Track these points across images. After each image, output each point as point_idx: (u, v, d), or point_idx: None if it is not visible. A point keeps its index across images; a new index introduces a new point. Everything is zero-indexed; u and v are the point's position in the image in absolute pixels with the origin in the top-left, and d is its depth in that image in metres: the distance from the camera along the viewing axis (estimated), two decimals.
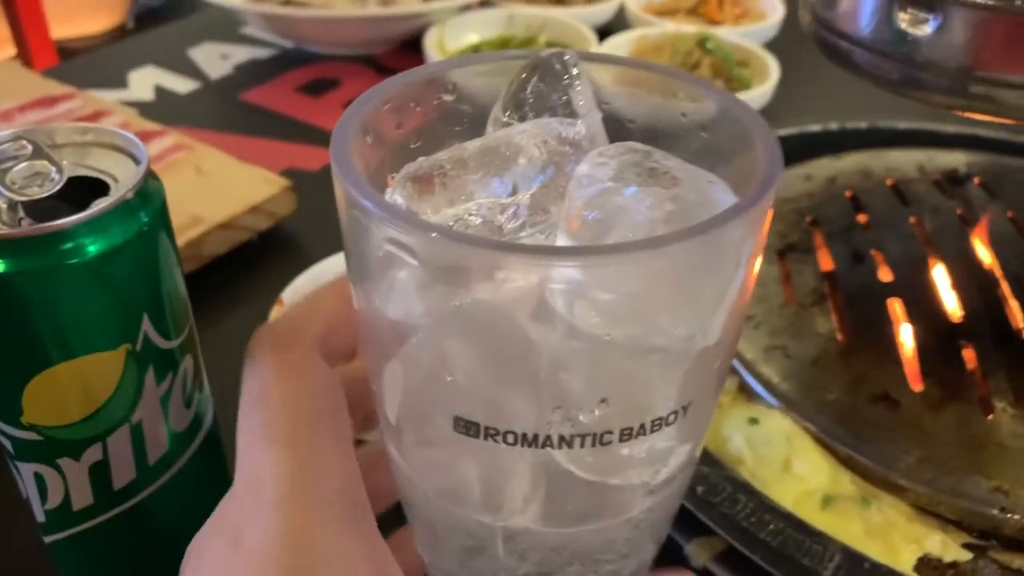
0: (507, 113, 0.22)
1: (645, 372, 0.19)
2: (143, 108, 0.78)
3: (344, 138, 0.20)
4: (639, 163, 0.20)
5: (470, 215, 0.20)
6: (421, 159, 0.21)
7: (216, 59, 0.89)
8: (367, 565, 0.21)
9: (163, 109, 0.79)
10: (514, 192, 0.21)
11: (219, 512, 0.22)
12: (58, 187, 0.28)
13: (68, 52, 1.63)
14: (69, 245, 0.27)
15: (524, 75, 0.23)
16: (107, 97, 0.78)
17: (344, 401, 0.24)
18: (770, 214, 0.20)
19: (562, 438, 0.19)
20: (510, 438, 0.19)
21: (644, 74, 0.24)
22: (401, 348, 0.20)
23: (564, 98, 0.22)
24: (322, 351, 0.24)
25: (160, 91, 0.83)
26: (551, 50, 0.23)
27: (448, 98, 0.23)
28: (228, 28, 0.94)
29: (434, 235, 0.17)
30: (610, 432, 0.19)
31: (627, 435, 0.19)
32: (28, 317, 0.28)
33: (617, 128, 0.24)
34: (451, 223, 0.20)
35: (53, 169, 0.29)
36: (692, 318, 0.19)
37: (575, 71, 0.22)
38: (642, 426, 0.19)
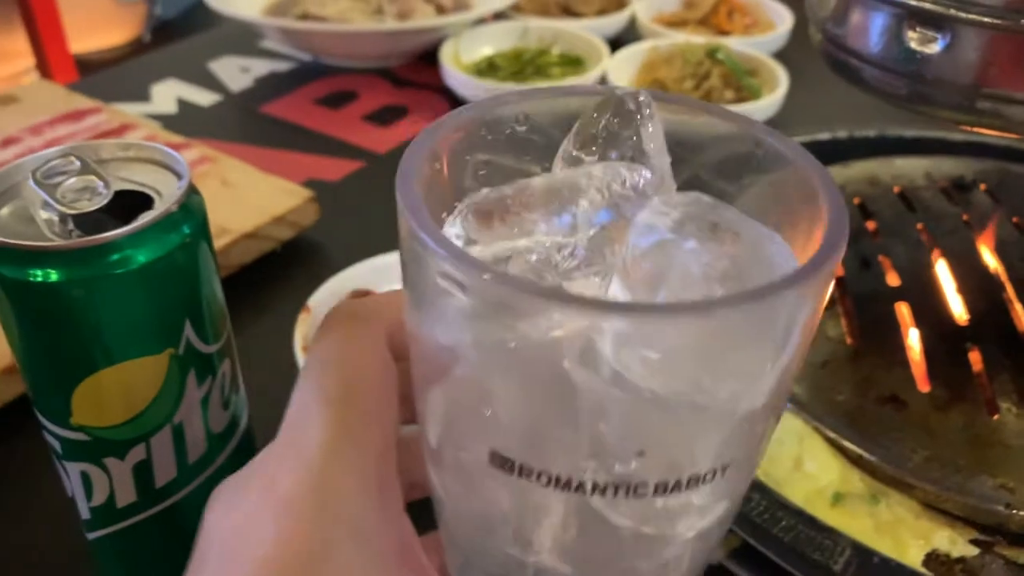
0: (576, 149, 0.22)
1: (685, 429, 0.19)
2: (166, 121, 0.80)
3: (411, 165, 0.20)
4: (702, 216, 0.20)
5: (528, 252, 0.20)
6: (485, 190, 0.21)
7: (236, 72, 0.91)
8: (388, 536, 0.21)
9: (186, 122, 0.81)
10: (573, 233, 0.21)
11: (257, 459, 0.23)
12: (106, 201, 0.30)
13: (86, 65, 1.65)
14: (117, 256, 0.29)
15: (596, 112, 0.22)
16: (131, 110, 0.80)
17: (396, 389, 0.24)
18: (830, 283, 0.19)
19: (595, 485, 0.19)
20: (544, 479, 0.19)
21: (716, 120, 0.23)
22: (446, 375, 0.20)
23: (635, 138, 0.22)
24: (389, 341, 0.25)
25: (183, 104, 0.85)
26: (626, 88, 0.23)
27: (520, 128, 0.23)
28: (247, 42, 0.96)
29: (485, 276, 0.17)
30: (645, 484, 0.19)
31: (662, 489, 0.19)
32: (78, 323, 0.29)
33: (687, 170, 0.23)
34: (507, 257, 0.20)
35: (100, 184, 0.30)
36: (738, 381, 0.19)
37: (647, 111, 0.22)
38: (678, 482, 0.19)
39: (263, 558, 0.20)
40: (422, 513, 0.25)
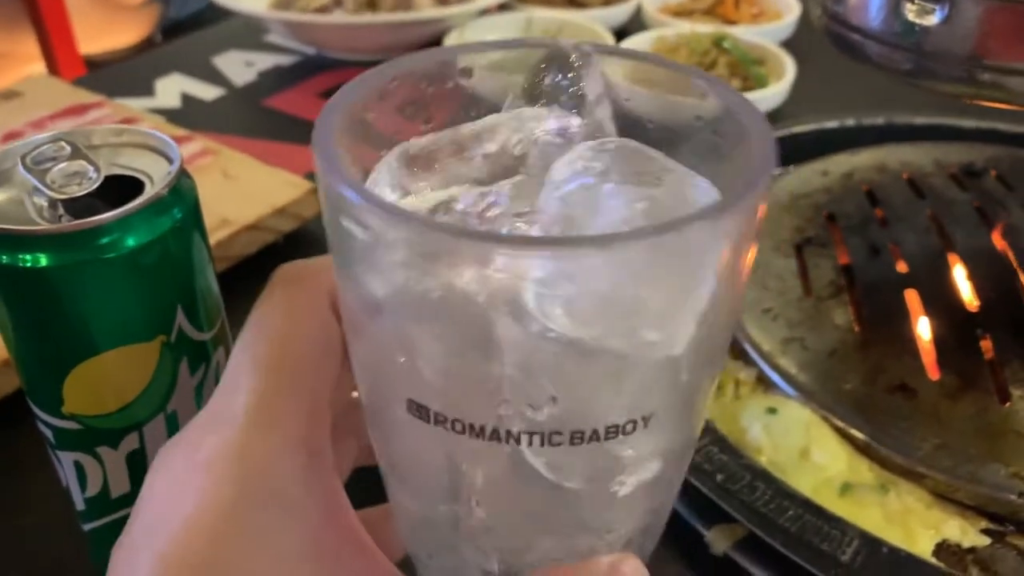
0: (520, 100, 0.22)
1: (598, 374, 0.18)
2: (170, 115, 0.80)
3: (332, 114, 0.20)
4: (624, 160, 0.20)
5: (452, 200, 0.20)
6: (415, 139, 0.21)
7: (240, 66, 0.90)
8: (313, 500, 0.21)
9: (190, 116, 0.81)
10: (498, 178, 0.20)
11: (188, 425, 0.23)
12: (96, 185, 0.29)
13: (97, 67, 1.66)
14: (106, 240, 0.28)
15: (541, 64, 0.22)
16: (135, 105, 0.80)
17: (338, 350, 0.24)
18: (754, 223, 0.19)
19: (509, 433, 0.18)
20: (459, 426, 0.18)
21: (656, 69, 0.23)
22: (365, 327, 0.20)
23: (575, 89, 0.22)
24: (332, 303, 0.24)
25: (186, 98, 0.85)
26: (569, 40, 0.23)
27: (464, 82, 0.23)
28: (251, 36, 0.96)
29: (387, 216, 0.17)
30: (559, 433, 0.18)
31: (578, 438, 0.18)
32: (68, 309, 0.29)
33: (630, 125, 0.23)
34: (433, 207, 0.20)
35: (91, 168, 0.30)
36: (651, 324, 0.18)
37: (590, 62, 0.22)
38: (595, 431, 0.18)
39: (184, 519, 0.20)
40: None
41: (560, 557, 0.22)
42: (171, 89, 0.86)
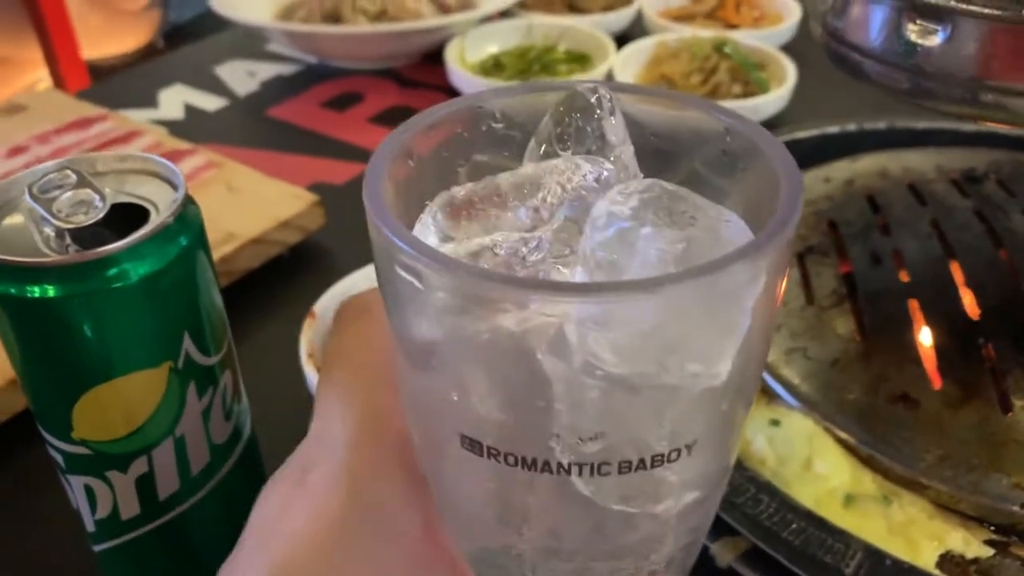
0: (543, 147, 0.23)
1: (644, 407, 0.19)
2: (173, 127, 0.81)
3: (379, 164, 0.21)
4: (658, 202, 0.20)
5: (496, 246, 0.20)
6: (455, 188, 0.22)
7: (243, 76, 0.91)
8: (410, 516, 0.23)
9: (193, 127, 0.82)
10: (539, 226, 0.21)
11: (292, 456, 0.24)
12: (102, 214, 0.30)
13: (99, 71, 1.66)
14: (114, 270, 0.29)
15: (559, 108, 0.23)
16: (138, 117, 0.81)
17: None
18: (783, 259, 0.19)
19: (560, 465, 0.19)
20: (511, 460, 0.19)
21: (676, 105, 0.24)
22: (417, 367, 0.21)
23: (597, 131, 0.23)
24: None
25: (189, 109, 0.85)
26: (586, 83, 0.23)
27: (497, 126, 0.24)
28: (253, 46, 0.96)
29: (438, 266, 0.18)
30: (608, 464, 0.19)
31: (626, 468, 0.19)
32: (76, 338, 0.29)
33: (653, 153, 0.24)
34: (476, 252, 0.20)
35: (96, 197, 0.30)
36: (693, 358, 0.19)
37: (608, 104, 0.23)
38: (642, 461, 0.19)
39: (292, 533, 0.22)
40: None
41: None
42: (174, 100, 0.86)
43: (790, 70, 0.76)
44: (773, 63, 0.78)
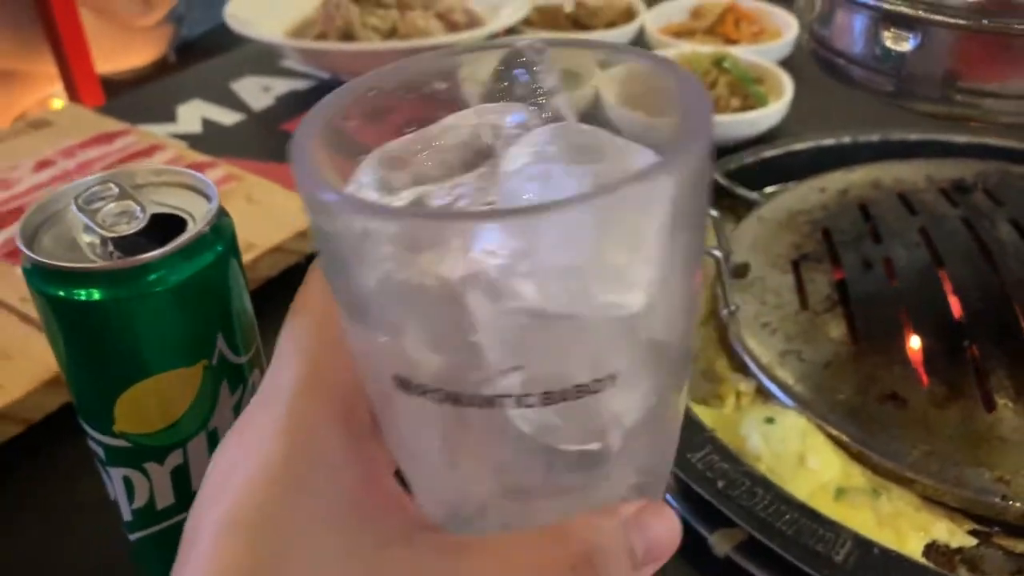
0: (487, 99, 0.24)
1: (559, 339, 0.20)
2: (192, 140, 0.83)
3: (307, 130, 0.21)
4: (569, 140, 0.21)
5: (425, 195, 0.21)
6: (390, 141, 0.23)
7: (258, 91, 0.93)
8: (354, 465, 0.23)
9: (211, 141, 0.84)
10: (466, 171, 0.22)
11: (244, 410, 0.25)
12: (143, 224, 0.32)
13: (113, 86, 1.69)
14: (154, 275, 0.31)
15: (499, 65, 0.24)
16: (158, 131, 0.83)
17: None
18: (691, 188, 0.19)
19: (484, 398, 0.20)
20: (441, 396, 0.20)
21: (601, 53, 0.24)
22: (351, 313, 0.21)
23: (533, 83, 0.23)
24: None
25: (207, 123, 0.88)
26: (524, 38, 0.24)
27: (438, 86, 0.24)
28: (268, 62, 0.99)
29: (355, 209, 0.19)
30: (531, 395, 0.20)
31: (549, 399, 0.20)
32: (119, 338, 0.31)
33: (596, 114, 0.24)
34: (409, 203, 0.21)
35: (137, 208, 0.33)
36: (602, 286, 0.19)
37: (544, 57, 0.23)
38: (563, 391, 0.20)
39: (238, 485, 0.22)
40: None
41: (563, 518, 0.23)
42: (192, 115, 0.89)
43: (787, 84, 0.78)
44: (771, 77, 0.80)
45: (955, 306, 0.50)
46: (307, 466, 0.23)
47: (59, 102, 1.75)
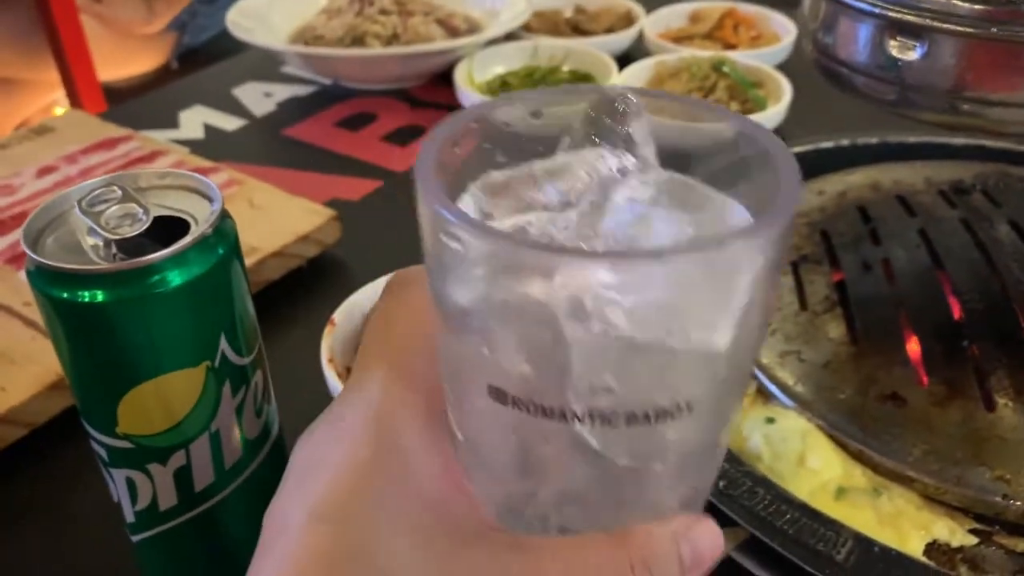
0: (576, 141, 0.26)
1: (649, 368, 0.22)
2: (194, 146, 0.83)
3: (429, 150, 0.23)
4: (672, 190, 0.23)
5: (529, 224, 0.23)
6: (496, 172, 0.25)
7: (260, 97, 0.94)
8: (432, 458, 0.25)
9: (213, 146, 0.84)
10: (567, 208, 0.24)
11: (330, 405, 0.27)
12: (146, 226, 0.32)
13: (115, 93, 1.70)
14: (157, 277, 0.31)
15: (591, 110, 0.26)
16: (160, 137, 0.83)
17: None
18: (781, 242, 0.22)
19: (574, 414, 0.22)
20: (531, 408, 0.22)
21: (689, 108, 0.26)
22: (454, 327, 0.23)
23: (623, 130, 0.25)
24: None
25: (209, 129, 0.88)
26: (616, 88, 0.26)
27: (535, 122, 0.26)
28: (269, 68, 1.00)
29: (478, 233, 0.21)
30: (616, 415, 0.22)
31: (632, 421, 0.22)
32: (122, 339, 0.32)
33: (671, 156, 0.26)
34: (511, 229, 0.23)
35: (140, 210, 0.33)
36: (695, 325, 0.21)
37: (633, 107, 0.25)
38: (646, 414, 0.22)
39: (328, 476, 0.24)
40: None
41: (614, 526, 0.25)
42: (194, 120, 0.89)
43: (786, 88, 0.78)
44: (770, 81, 0.81)
45: (955, 307, 0.50)
46: (393, 463, 0.24)
47: (61, 110, 1.75)
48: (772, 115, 0.76)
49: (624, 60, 0.89)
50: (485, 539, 0.24)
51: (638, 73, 0.84)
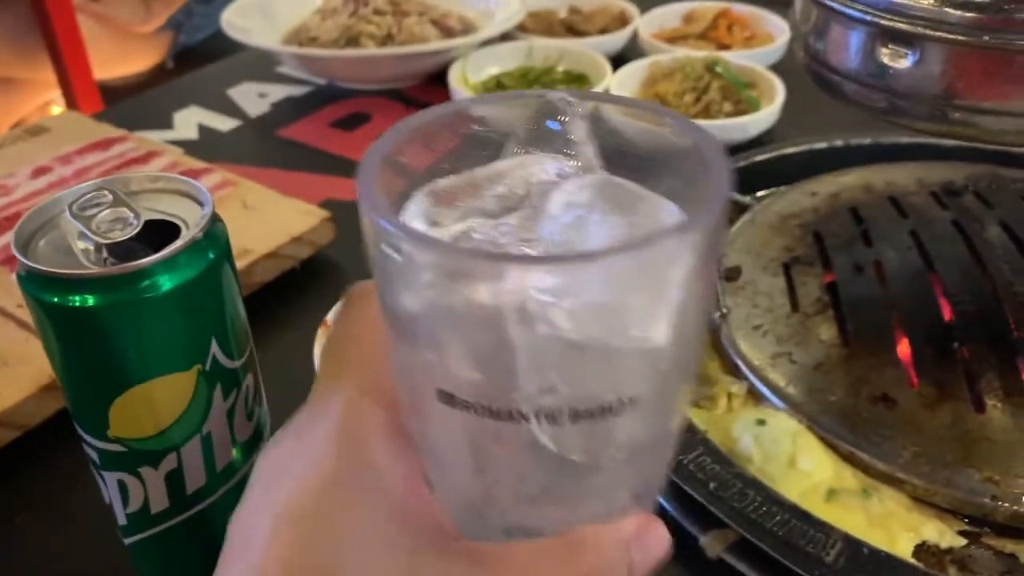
0: (518, 148, 0.26)
1: (592, 366, 0.22)
2: (189, 146, 0.83)
3: (371, 161, 0.24)
4: (606, 192, 0.24)
5: (471, 230, 0.24)
6: (440, 179, 0.25)
7: (254, 98, 0.94)
8: (396, 470, 0.25)
9: (207, 147, 0.84)
10: (508, 212, 0.24)
11: (292, 419, 0.27)
12: (136, 230, 0.32)
13: (111, 92, 1.70)
14: (148, 281, 0.31)
15: (532, 113, 0.26)
16: (155, 137, 0.83)
17: None
18: (713, 239, 0.22)
19: (521, 413, 0.22)
20: (480, 410, 0.22)
21: (634, 111, 0.27)
22: (402, 334, 0.24)
23: (565, 134, 0.26)
24: None
25: (204, 130, 0.88)
26: (556, 92, 0.26)
27: (477, 128, 0.27)
28: (265, 68, 1.00)
29: (419, 243, 0.21)
30: (561, 413, 0.22)
31: (576, 417, 0.22)
32: (114, 344, 0.32)
33: (616, 155, 0.27)
34: (455, 235, 0.24)
35: (131, 215, 0.33)
36: (632, 323, 0.22)
37: (573, 110, 0.26)
38: (589, 411, 0.22)
39: (294, 487, 0.24)
40: None
41: (572, 521, 0.25)
42: (189, 121, 0.89)
43: (779, 88, 0.79)
44: (763, 82, 0.81)
45: (945, 308, 0.50)
46: (359, 474, 0.25)
47: (57, 109, 1.75)
48: (765, 116, 0.76)
49: (618, 60, 0.89)
50: (446, 550, 0.25)
51: (632, 73, 0.84)
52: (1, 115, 1.72)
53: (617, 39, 0.95)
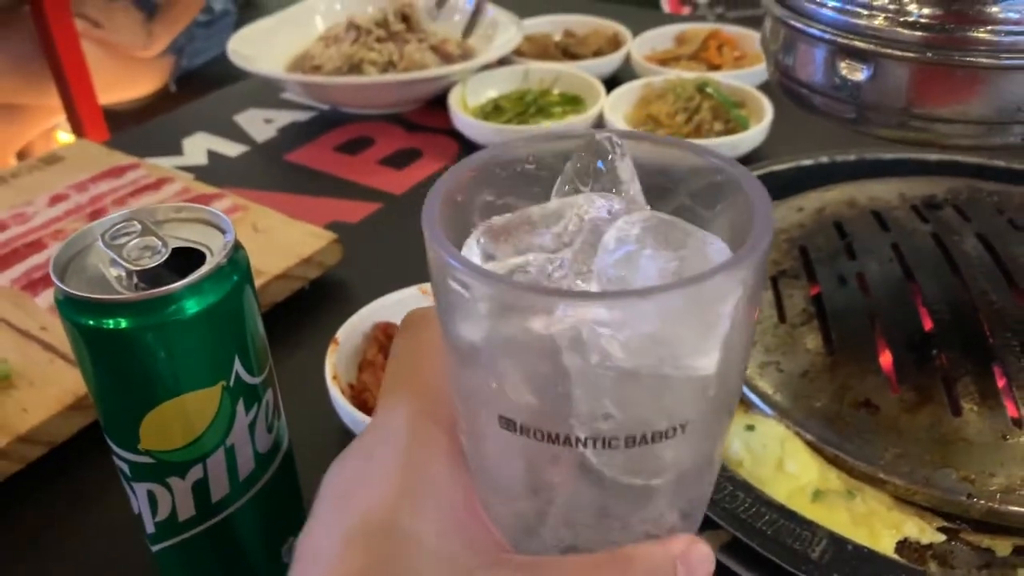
0: (567, 185, 0.28)
1: (645, 394, 0.24)
2: (198, 172, 0.86)
3: (433, 201, 0.26)
4: (656, 229, 0.25)
5: (527, 264, 0.25)
6: (496, 217, 0.27)
7: (260, 123, 0.97)
8: (455, 490, 0.27)
9: (216, 172, 0.87)
10: (562, 249, 0.26)
11: (358, 439, 0.29)
12: (165, 257, 0.35)
13: (116, 116, 1.73)
14: (176, 305, 0.34)
15: (581, 152, 0.28)
16: (166, 163, 0.86)
17: None
18: (758, 274, 0.24)
19: (578, 439, 0.24)
20: (539, 435, 0.24)
21: (673, 148, 0.29)
22: (465, 362, 0.25)
23: (610, 171, 0.28)
24: None
25: (212, 155, 0.91)
26: (604, 131, 0.28)
27: (528, 166, 0.29)
28: (269, 94, 1.02)
29: (482, 279, 0.23)
30: (616, 439, 0.24)
31: (631, 442, 0.24)
32: (144, 363, 0.34)
33: (659, 189, 0.29)
34: (512, 270, 0.25)
35: (159, 243, 0.35)
36: (684, 353, 0.23)
37: (619, 150, 0.28)
38: (644, 436, 0.24)
39: (365, 504, 0.26)
40: None
41: (622, 541, 0.27)
42: (198, 147, 0.92)
43: (767, 107, 0.81)
44: (752, 101, 0.84)
45: (925, 318, 0.52)
46: (421, 495, 0.26)
47: (63, 134, 1.78)
48: (754, 134, 0.79)
49: (612, 82, 0.92)
50: (503, 563, 0.26)
51: (626, 95, 0.87)
52: (8, 140, 1.75)
53: (611, 61, 0.98)
